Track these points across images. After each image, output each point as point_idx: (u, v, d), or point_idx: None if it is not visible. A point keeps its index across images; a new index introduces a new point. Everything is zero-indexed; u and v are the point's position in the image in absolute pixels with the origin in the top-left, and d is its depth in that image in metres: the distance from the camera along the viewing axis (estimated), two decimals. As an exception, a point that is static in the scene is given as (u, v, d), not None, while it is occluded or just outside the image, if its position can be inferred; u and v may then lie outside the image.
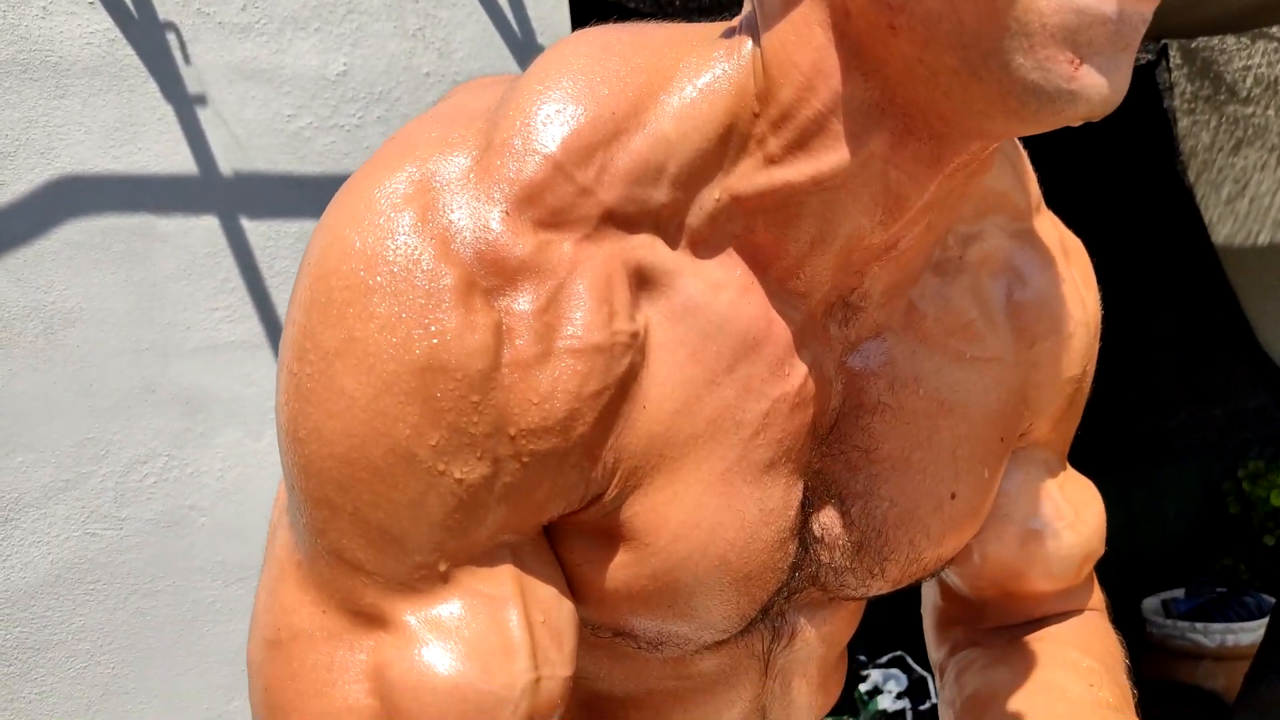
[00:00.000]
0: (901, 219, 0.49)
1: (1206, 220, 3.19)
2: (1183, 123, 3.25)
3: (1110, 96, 0.42)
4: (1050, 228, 0.63)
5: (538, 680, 0.45)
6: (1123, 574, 2.84)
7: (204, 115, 1.47)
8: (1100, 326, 0.67)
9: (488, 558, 0.46)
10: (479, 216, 0.44)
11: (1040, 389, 0.62)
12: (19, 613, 1.35)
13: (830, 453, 0.54)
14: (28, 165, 1.36)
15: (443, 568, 0.45)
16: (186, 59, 1.46)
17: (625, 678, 0.59)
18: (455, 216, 0.43)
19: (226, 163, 1.48)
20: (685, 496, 0.49)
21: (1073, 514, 0.66)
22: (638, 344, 0.47)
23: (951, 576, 0.72)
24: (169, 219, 1.45)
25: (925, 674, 2.09)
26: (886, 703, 2.03)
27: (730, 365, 0.49)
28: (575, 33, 0.50)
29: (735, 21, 0.49)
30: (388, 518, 0.44)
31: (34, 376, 1.36)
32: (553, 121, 0.45)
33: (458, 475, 0.44)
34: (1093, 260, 0.67)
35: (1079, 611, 0.70)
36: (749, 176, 0.48)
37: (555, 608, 0.47)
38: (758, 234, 0.49)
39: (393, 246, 0.43)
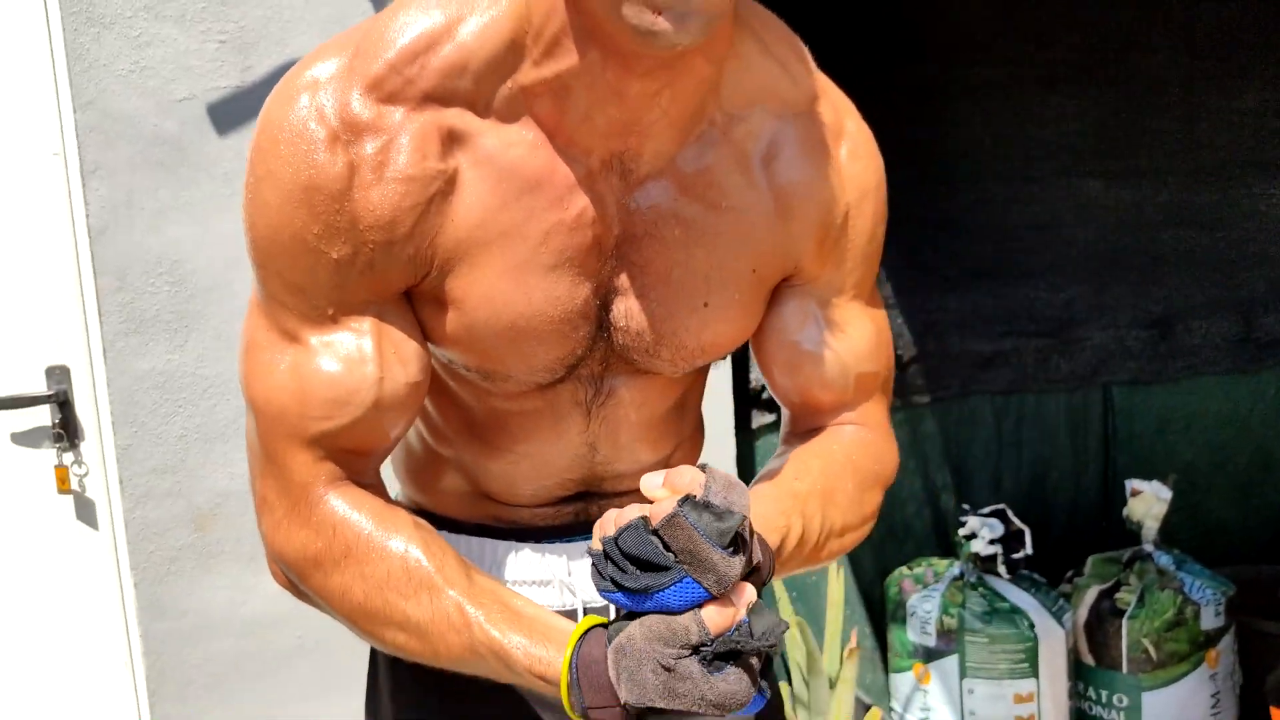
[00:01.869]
0: (628, 104, 0.74)
1: None
2: None
3: (677, 37, 0.66)
4: (829, 113, 0.84)
5: (381, 379, 0.77)
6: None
7: (395, 10, 1.85)
8: (875, 189, 0.86)
9: (359, 310, 0.77)
10: (342, 97, 0.73)
11: (795, 240, 0.84)
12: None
13: (618, 266, 0.80)
14: (267, 52, 1.80)
15: (330, 312, 0.77)
16: (382, -36, 1.84)
17: (484, 406, 0.88)
18: (328, 97, 0.74)
19: (412, 48, 1.86)
20: (482, 280, 0.78)
21: (838, 333, 0.87)
22: (445, 177, 0.75)
23: (776, 396, 0.95)
24: (369, 94, 1.86)
25: (1023, 527, 2.24)
26: (979, 546, 2.21)
27: (517, 197, 0.76)
28: None
29: None
30: (295, 277, 0.76)
31: (272, 212, 1.84)
32: (393, 36, 0.74)
33: (334, 255, 0.75)
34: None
35: (855, 425, 0.91)
36: (526, 72, 0.74)
37: (403, 343, 0.79)
38: (540, 111, 0.76)
39: (292, 114, 0.74)
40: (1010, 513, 2.26)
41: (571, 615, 0.92)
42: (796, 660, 2.17)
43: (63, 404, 1.83)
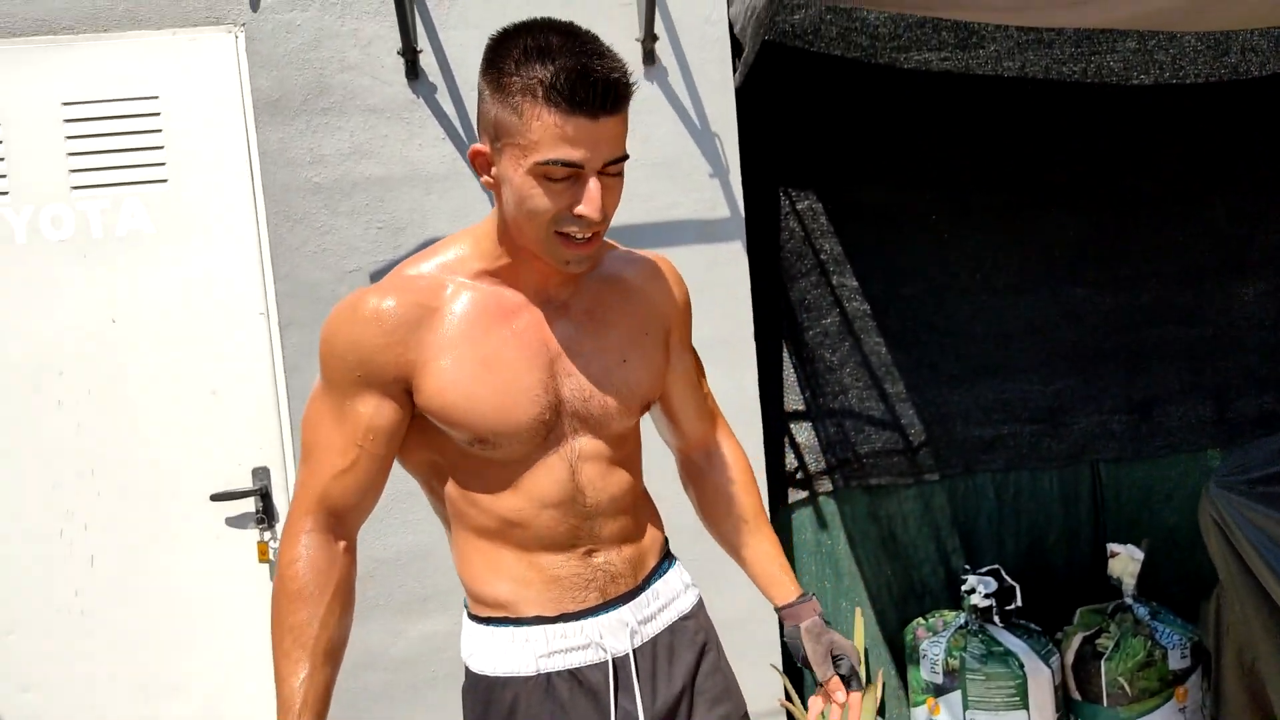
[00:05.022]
0: (543, 275, 1.30)
1: None
2: None
3: (575, 270, 1.25)
4: (648, 259, 1.44)
5: (368, 431, 1.25)
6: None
7: (504, 198, 2.47)
8: (683, 285, 1.47)
9: (367, 394, 1.25)
10: (374, 295, 1.26)
11: (662, 312, 1.42)
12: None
13: (560, 357, 1.30)
14: (412, 234, 2.43)
15: (351, 394, 1.25)
16: (495, 165, 2.46)
17: (499, 474, 1.30)
18: (362, 299, 1.25)
19: (517, 224, 2.48)
20: (465, 364, 1.25)
21: (688, 363, 1.50)
22: (427, 310, 1.25)
23: (672, 438, 1.56)
24: (485, 259, 2.47)
25: (1014, 584, 2.70)
26: (977, 600, 2.68)
27: (483, 316, 1.27)
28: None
29: (494, 212, 1.30)
30: (337, 379, 1.25)
31: (415, 350, 2.45)
32: (408, 265, 1.30)
33: (358, 374, 1.24)
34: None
35: (724, 438, 1.56)
36: (491, 264, 1.29)
37: (383, 411, 1.25)
38: (500, 277, 1.29)
39: (348, 310, 1.25)
40: (1003, 572, 2.74)
41: (604, 665, 1.35)
42: (825, 693, 2.67)
43: (264, 495, 2.46)
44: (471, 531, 1.35)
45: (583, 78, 1.15)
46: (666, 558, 1.49)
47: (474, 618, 1.39)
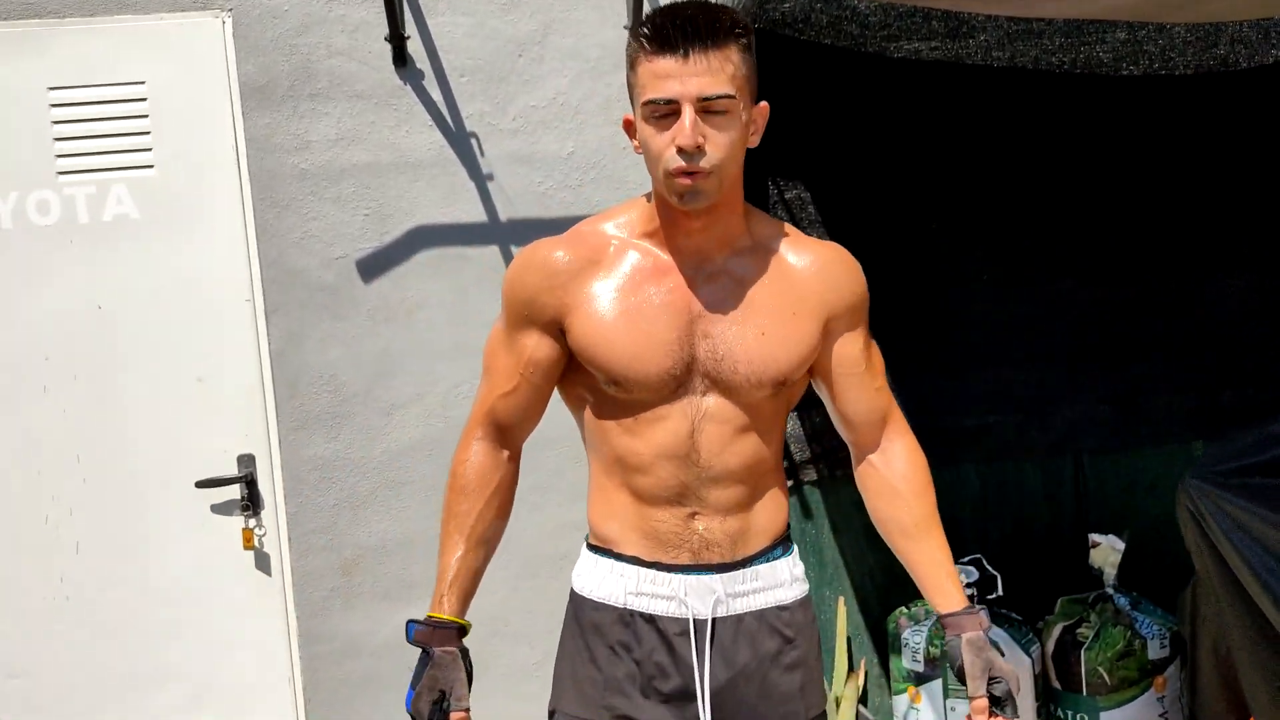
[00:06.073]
0: (692, 236, 1.42)
1: None
2: None
3: (693, 205, 1.36)
4: (825, 248, 1.51)
5: (530, 359, 1.46)
6: None
7: (492, 186, 2.46)
8: (857, 277, 1.50)
9: (530, 330, 1.45)
10: (548, 251, 1.46)
11: (822, 298, 1.46)
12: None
13: (702, 318, 1.41)
14: (399, 222, 2.43)
15: (519, 329, 1.45)
16: (481, 153, 2.46)
17: (627, 410, 1.44)
18: (541, 252, 1.46)
19: (504, 213, 2.48)
20: (612, 310, 1.41)
21: (864, 353, 1.51)
22: (588, 260, 1.43)
23: (844, 432, 1.58)
24: (474, 248, 2.47)
25: (995, 574, 2.72)
26: (958, 589, 2.70)
27: (636, 273, 1.42)
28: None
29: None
30: (510, 314, 1.47)
31: (403, 340, 2.45)
32: (587, 223, 1.49)
33: (525, 312, 1.44)
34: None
35: (901, 442, 1.57)
36: (645, 228, 1.44)
37: (542, 350, 1.45)
38: (656, 241, 1.44)
39: (526, 255, 1.47)
40: (985, 561, 2.75)
41: (683, 622, 1.46)
42: (808, 681, 2.69)
43: (249, 483, 2.46)
44: (601, 469, 1.50)
45: (669, 20, 1.31)
46: (782, 545, 1.53)
47: (588, 545, 1.54)
